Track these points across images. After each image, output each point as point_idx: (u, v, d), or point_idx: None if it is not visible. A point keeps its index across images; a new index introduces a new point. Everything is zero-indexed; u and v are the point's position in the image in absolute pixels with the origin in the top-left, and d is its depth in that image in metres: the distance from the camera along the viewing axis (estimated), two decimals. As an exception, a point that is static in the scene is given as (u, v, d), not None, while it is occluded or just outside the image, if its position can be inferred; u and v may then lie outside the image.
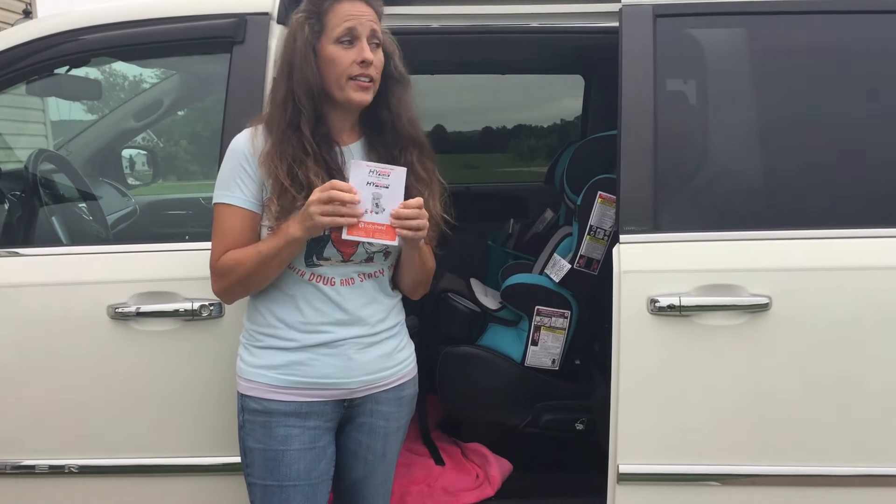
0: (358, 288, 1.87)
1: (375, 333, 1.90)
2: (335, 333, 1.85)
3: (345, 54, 1.80)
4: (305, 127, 1.80)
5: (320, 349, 1.85)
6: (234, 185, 1.83)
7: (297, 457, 1.85)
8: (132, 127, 3.57)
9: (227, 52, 2.31)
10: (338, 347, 1.85)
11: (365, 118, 1.92)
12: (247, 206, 1.83)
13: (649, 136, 2.21)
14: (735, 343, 2.14)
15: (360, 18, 1.80)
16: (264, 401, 1.85)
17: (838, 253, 2.14)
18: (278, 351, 1.86)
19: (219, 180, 1.86)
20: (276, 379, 1.85)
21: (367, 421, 1.94)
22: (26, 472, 2.27)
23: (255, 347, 1.89)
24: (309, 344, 1.85)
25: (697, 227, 2.23)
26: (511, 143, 5.66)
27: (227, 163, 1.86)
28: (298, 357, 1.85)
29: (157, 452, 2.25)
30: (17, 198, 2.63)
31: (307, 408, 1.86)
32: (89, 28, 2.39)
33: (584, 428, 2.85)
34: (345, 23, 1.79)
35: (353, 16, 1.80)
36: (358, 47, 1.80)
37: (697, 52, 2.37)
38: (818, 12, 2.28)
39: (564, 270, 2.75)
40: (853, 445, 2.17)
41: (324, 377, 1.85)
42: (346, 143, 1.90)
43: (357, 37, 1.80)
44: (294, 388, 1.85)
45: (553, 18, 2.41)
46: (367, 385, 1.90)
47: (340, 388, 1.87)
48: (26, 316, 2.24)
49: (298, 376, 1.85)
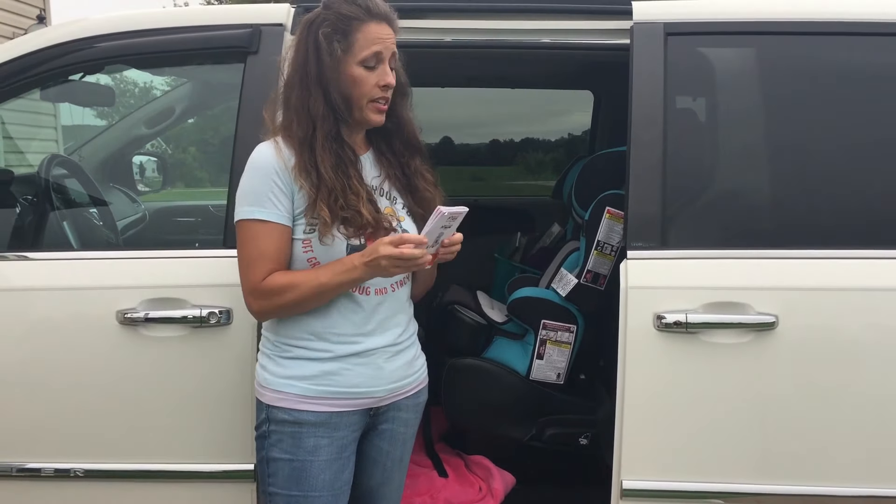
0: (390, 297, 1.90)
1: (401, 342, 1.93)
2: (366, 343, 1.87)
3: (368, 77, 1.81)
4: (346, 136, 1.85)
5: (352, 359, 1.86)
6: (267, 201, 1.80)
7: (323, 467, 1.86)
8: (143, 134, 3.60)
9: (241, 62, 2.33)
10: (368, 357, 1.87)
11: (373, 136, 1.95)
12: (283, 221, 1.81)
13: (658, 152, 2.22)
14: (741, 361, 2.14)
15: (385, 42, 1.82)
16: (294, 411, 1.85)
17: (846, 273, 2.15)
18: (309, 362, 1.86)
19: (245, 196, 1.83)
20: (308, 389, 1.85)
21: (389, 428, 1.97)
22: (32, 475, 2.27)
23: (282, 358, 1.88)
24: (342, 354, 1.86)
25: (705, 245, 2.24)
26: (518, 157, 5.67)
27: (255, 179, 1.83)
28: (331, 367, 1.85)
29: (163, 458, 2.25)
30: (29, 202, 2.66)
31: (337, 418, 1.86)
32: (105, 36, 2.42)
33: (587, 443, 2.85)
34: (373, 46, 1.80)
35: (380, 39, 1.81)
36: (381, 70, 1.82)
37: (708, 71, 2.39)
38: (828, 34, 2.30)
39: (571, 285, 2.75)
40: (859, 466, 2.17)
41: (355, 386, 1.86)
42: (359, 154, 1.93)
43: (381, 60, 1.82)
44: (326, 399, 1.85)
45: (565, 35, 2.42)
46: (393, 393, 1.93)
47: (370, 396, 1.89)
48: (35, 319, 2.25)
49: (331, 386, 1.85)
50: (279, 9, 2.39)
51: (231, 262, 2.19)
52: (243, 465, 2.20)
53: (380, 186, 1.92)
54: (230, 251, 2.20)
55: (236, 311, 2.17)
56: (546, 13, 2.43)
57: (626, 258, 2.19)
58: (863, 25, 2.28)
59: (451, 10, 2.44)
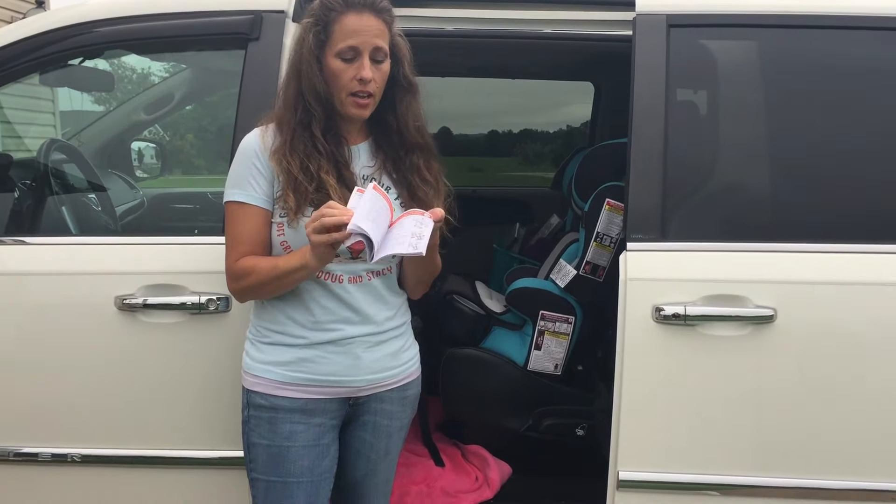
0: (366, 286, 1.88)
1: (383, 332, 1.90)
2: (344, 331, 1.86)
3: (345, 69, 1.80)
4: (316, 127, 1.83)
5: (328, 346, 1.86)
6: (246, 184, 1.84)
7: (301, 453, 1.86)
8: (142, 120, 3.59)
9: (241, 49, 2.32)
10: (346, 346, 1.86)
11: (373, 120, 1.93)
12: (260, 203, 1.84)
13: (659, 144, 2.22)
14: (739, 354, 2.15)
15: (363, 35, 1.79)
16: (270, 396, 1.86)
17: (844, 267, 2.15)
18: (286, 347, 1.87)
19: (230, 179, 1.88)
20: (283, 375, 1.86)
21: (371, 419, 1.96)
22: (29, 459, 2.28)
23: (262, 343, 1.90)
24: (317, 341, 1.85)
25: (704, 238, 2.25)
26: (517, 148, 5.67)
27: (238, 162, 1.87)
28: (306, 354, 1.86)
29: (160, 444, 2.26)
30: (28, 186, 2.65)
31: (313, 405, 1.87)
32: (105, 20, 2.41)
33: (584, 434, 2.86)
34: (348, 39, 1.78)
35: (356, 31, 1.78)
36: (358, 64, 1.80)
37: (710, 63, 2.39)
38: (831, 27, 2.29)
39: (570, 276, 2.76)
40: (856, 459, 2.18)
41: (331, 374, 1.86)
42: (354, 142, 1.92)
43: (359, 53, 1.80)
44: (301, 385, 1.86)
45: (567, 25, 2.42)
46: (373, 384, 1.91)
47: (347, 385, 1.88)
48: (33, 304, 2.25)
49: (306, 373, 1.86)
50: (281, -5, 2.38)
51: (230, 248, 2.20)
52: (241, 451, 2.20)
53: (371, 176, 1.91)
54: (229, 238, 2.21)
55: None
56: (549, 3, 2.42)
57: (625, 250, 2.19)
58: (865, 19, 2.28)
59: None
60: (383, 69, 1.84)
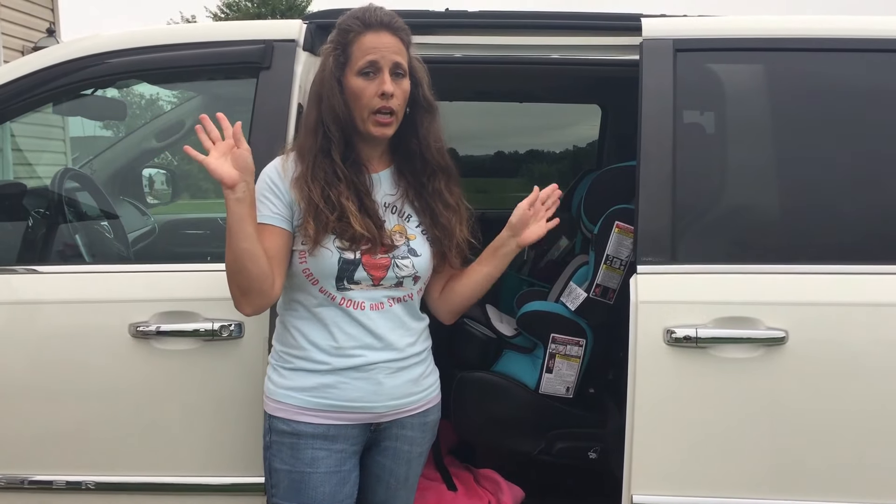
0: (387, 312, 1.89)
1: (405, 358, 1.91)
2: (366, 357, 1.86)
3: (367, 86, 1.83)
4: (336, 153, 1.85)
5: (351, 373, 1.86)
6: (259, 204, 1.84)
7: (323, 479, 1.86)
8: (153, 147, 3.63)
9: (253, 77, 2.34)
10: (368, 371, 1.87)
11: (394, 146, 1.96)
12: (272, 221, 1.85)
13: (668, 167, 2.23)
14: (751, 376, 2.14)
15: (382, 51, 1.83)
16: (292, 422, 1.87)
17: (855, 288, 2.16)
18: (309, 373, 1.87)
19: None
20: (306, 401, 1.86)
21: (392, 445, 1.96)
22: (43, 487, 2.28)
23: (284, 369, 1.91)
24: (340, 367, 1.86)
25: (715, 260, 2.25)
26: (523, 169, 5.68)
27: (258, 186, 1.87)
28: (329, 380, 1.86)
29: (175, 471, 2.26)
30: (41, 215, 2.67)
31: (335, 431, 1.87)
32: (118, 52, 2.44)
33: (597, 457, 2.84)
34: (367, 55, 1.82)
35: (375, 48, 1.82)
36: (379, 80, 1.83)
37: (717, 87, 2.41)
38: (836, 50, 2.31)
39: (581, 299, 2.76)
40: (870, 482, 2.17)
41: (353, 401, 1.86)
42: (375, 170, 1.94)
43: (379, 69, 1.83)
44: (323, 411, 1.86)
45: (574, 51, 2.44)
46: (395, 410, 1.91)
47: (369, 412, 1.89)
48: (48, 332, 2.26)
49: (328, 399, 1.86)
50: (291, 24, 2.41)
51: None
52: (254, 478, 2.20)
53: (392, 204, 1.93)
54: (242, 265, 2.23)
55: (248, 324, 2.18)
56: (556, 29, 2.44)
57: (636, 273, 2.20)
58: (870, 42, 2.29)
59: (462, 27, 2.45)
60: (403, 86, 1.86)
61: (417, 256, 1.91)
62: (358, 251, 1.83)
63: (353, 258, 1.83)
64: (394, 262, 1.88)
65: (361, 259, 1.84)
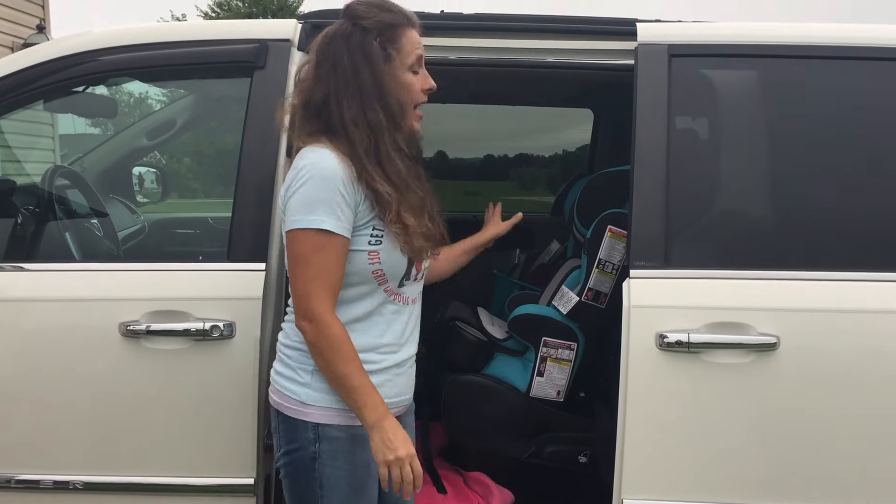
0: (416, 307, 1.94)
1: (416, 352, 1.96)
2: (402, 353, 1.89)
3: (415, 81, 1.85)
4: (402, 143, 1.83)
5: (394, 370, 1.88)
6: (332, 212, 1.72)
7: (375, 479, 1.83)
8: (144, 145, 3.61)
9: (247, 77, 2.33)
10: (404, 367, 1.90)
11: None
12: (346, 233, 1.75)
13: (662, 172, 2.23)
14: (742, 381, 2.15)
15: (422, 47, 1.87)
16: (348, 427, 1.81)
17: (848, 295, 2.16)
18: None
19: (307, 204, 1.72)
20: None
21: None
22: (31, 486, 2.26)
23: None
24: (387, 366, 1.86)
25: (708, 265, 2.26)
26: (513, 172, 5.68)
27: (320, 188, 1.72)
28: (378, 379, 1.81)
29: (164, 472, 2.25)
30: (31, 212, 2.65)
31: None
32: (110, 49, 2.42)
33: (587, 460, 2.85)
34: (416, 50, 1.84)
35: (419, 43, 1.86)
36: (423, 74, 1.87)
37: (711, 92, 2.41)
38: (829, 58, 2.32)
39: (573, 303, 2.76)
40: (859, 487, 2.17)
41: (395, 396, 1.88)
42: None
43: (422, 65, 1.87)
44: None
45: (569, 55, 2.44)
46: (408, 401, 1.98)
47: (401, 405, 1.93)
48: (36, 330, 2.25)
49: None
50: (286, 24, 2.40)
51: (235, 274, 2.21)
52: (244, 479, 2.20)
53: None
54: (234, 264, 2.22)
55: (239, 324, 2.17)
56: (551, 33, 2.44)
57: (629, 277, 2.20)
58: (864, 50, 2.30)
59: (457, 29, 2.45)
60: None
61: None
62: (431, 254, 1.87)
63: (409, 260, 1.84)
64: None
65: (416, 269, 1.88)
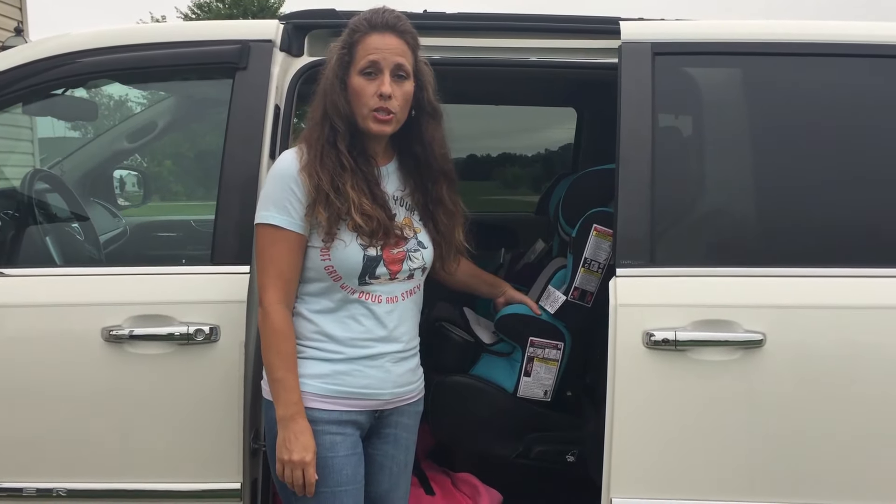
0: (399, 306, 1.96)
1: (407, 350, 2.00)
2: (377, 348, 1.93)
3: (367, 86, 1.87)
4: (341, 144, 1.88)
5: (363, 361, 1.92)
6: (282, 208, 1.86)
7: (344, 462, 1.90)
8: (125, 148, 3.57)
9: (229, 78, 2.32)
10: (378, 360, 1.93)
11: (400, 152, 2.01)
12: (296, 228, 1.87)
13: (647, 170, 2.23)
14: (729, 378, 2.15)
15: (384, 52, 1.86)
16: (309, 409, 1.88)
17: (833, 291, 2.17)
18: (321, 362, 1.91)
19: (264, 200, 1.90)
20: (319, 388, 1.90)
21: (393, 432, 2.03)
22: (13, 494, 2.24)
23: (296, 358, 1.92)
24: (353, 356, 1.91)
25: (694, 263, 2.27)
26: (496, 172, 5.68)
27: (274, 185, 1.89)
28: (343, 368, 1.91)
29: (149, 477, 2.23)
30: (10, 217, 2.62)
31: (346, 416, 1.92)
32: (90, 51, 2.40)
33: (574, 460, 2.84)
34: (369, 55, 1.86)
35: (378, 49, 1.86)
36: (379, 80, 1.86)
37: (695, 90, 2.42)
38: (812, 55, 2.33)
39: (559, 302, 2.75)
40: (846, 483, 2.18)
41: (364, 388, 1.92)
42: (381, 164, 1.98)
43: (380, 70, 1.87)
44: (336, 398, 1.91)
45: (553, 53, 2.44)
46: (398, 396, 1.99)
47: (376, 398, 1.95)
48: (16, 336, 2.22)
49: (342, 386, 1.91)
50: (268, 25, 2.39)
51: (219, 278, 2.20)
52: (230, 483, 2.18)
53: (401, 197, 1.98)
54: (218, 268, 2.21)
55: (223, 327, 2.16)
56: (535, 32, 2.44)
57: (615, 276, 2.20)
58: (849, 47, 2.32)
59: (440, 28, 2.44)
60: (405, 88, 1.90)
61: (425, 249, 2.00)
62: (379, 246, 1.88)
63: (376, 254, 1.88)
64: (408, 254, 1.95)
65: (383, 254, 1.89)
